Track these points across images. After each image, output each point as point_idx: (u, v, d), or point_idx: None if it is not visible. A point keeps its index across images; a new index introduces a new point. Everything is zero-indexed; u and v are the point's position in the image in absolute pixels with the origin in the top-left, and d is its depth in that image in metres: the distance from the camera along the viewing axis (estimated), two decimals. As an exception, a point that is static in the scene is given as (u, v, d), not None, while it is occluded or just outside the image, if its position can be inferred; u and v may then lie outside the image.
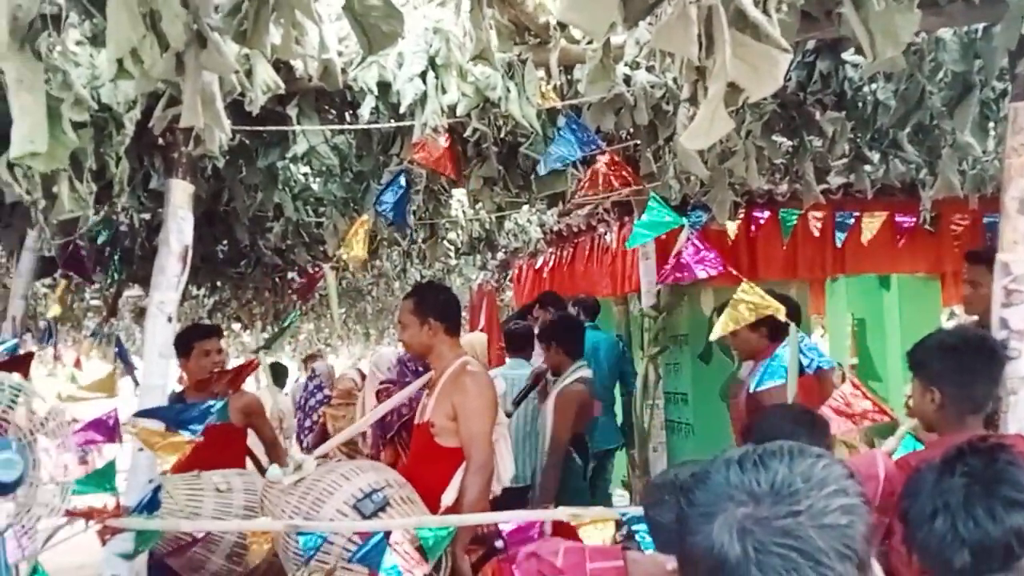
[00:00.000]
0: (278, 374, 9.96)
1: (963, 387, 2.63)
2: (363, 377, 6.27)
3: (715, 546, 1.00)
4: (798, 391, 3.40)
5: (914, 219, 6.04)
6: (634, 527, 2.90)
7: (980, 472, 1.68)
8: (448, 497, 3.44)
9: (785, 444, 1.07)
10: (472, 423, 3.54)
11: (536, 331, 5.64)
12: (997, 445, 1.76)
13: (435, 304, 3.73)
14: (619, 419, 6.14)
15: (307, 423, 7.13)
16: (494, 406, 3.64)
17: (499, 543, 3.32)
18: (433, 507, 3.40)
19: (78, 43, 2.84)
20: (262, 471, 4.21)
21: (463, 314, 12.05)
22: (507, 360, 6.07)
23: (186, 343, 4.41)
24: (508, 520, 3.26)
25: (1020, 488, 1.65)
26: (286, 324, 4.35)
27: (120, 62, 2.08)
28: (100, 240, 4.59)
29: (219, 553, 3.59)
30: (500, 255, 9.38)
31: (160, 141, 3.43)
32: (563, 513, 3.19)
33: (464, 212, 6.59)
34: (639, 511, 3.14)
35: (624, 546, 2.41)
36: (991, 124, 3.50)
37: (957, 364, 2.64)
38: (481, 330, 9.14)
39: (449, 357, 3.69)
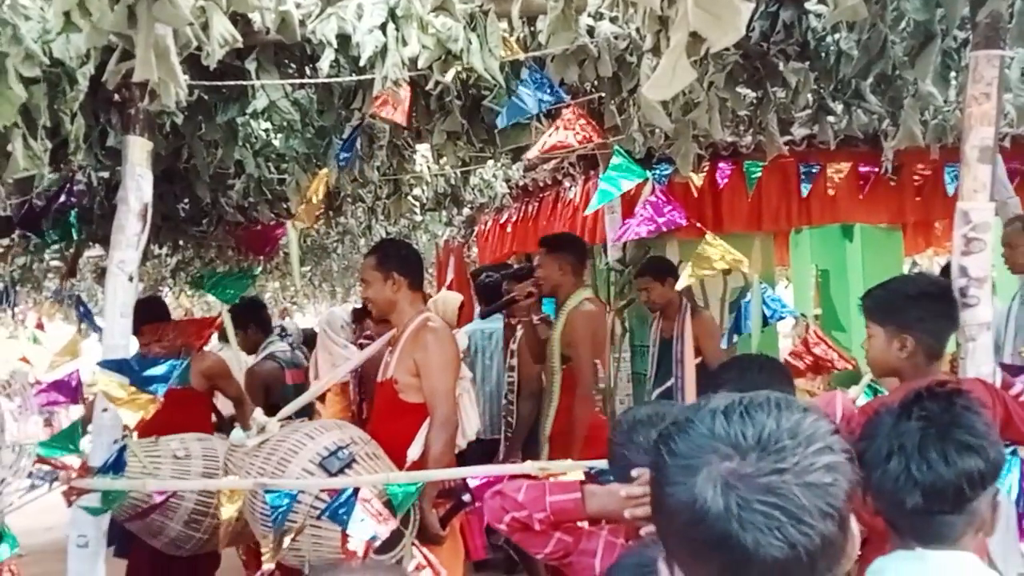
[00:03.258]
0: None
1: (936, 333, 2.67)
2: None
3: (697, 500, 0.99)
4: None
5: (877, 169, 6.08)
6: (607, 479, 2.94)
7: (936, 416, 1.71)
8: (413, 452, 3.46)
9: (772, 395, 1.05)
10: (435, 379, 3.55)
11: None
12: (955, 390, 1.79)
13: (398, 259, 3.75)
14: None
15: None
16: (456, 361, 3.65)
17: (466, 497, 3.35)
18: (398, 463, 3.42)
19: (28, -4, 2.76)
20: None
21: (430, 270, 12.07)
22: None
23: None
24: (476, 475, 3.29)
25: (974, 433, 1.68)
26: (245, 277, 4.29)
27: (67, 15, 2.02)
28: (59, 198, 4.50)
29: (177, 519, 3.60)
30: (466, 211, 9.33)
31: (116, 97, 3.36)
32: (531, 467, 3.22)
33: (429, 167, 6.53)
34: (604, 463, 3.18)
35: (582, 481, 2.45)
36: (952, 74, 3.51)
37: (933, 310, 2.67)
38: (448, 286, 9.13)
39: (410, 313, 3.71)
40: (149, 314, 4.60)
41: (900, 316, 2.70)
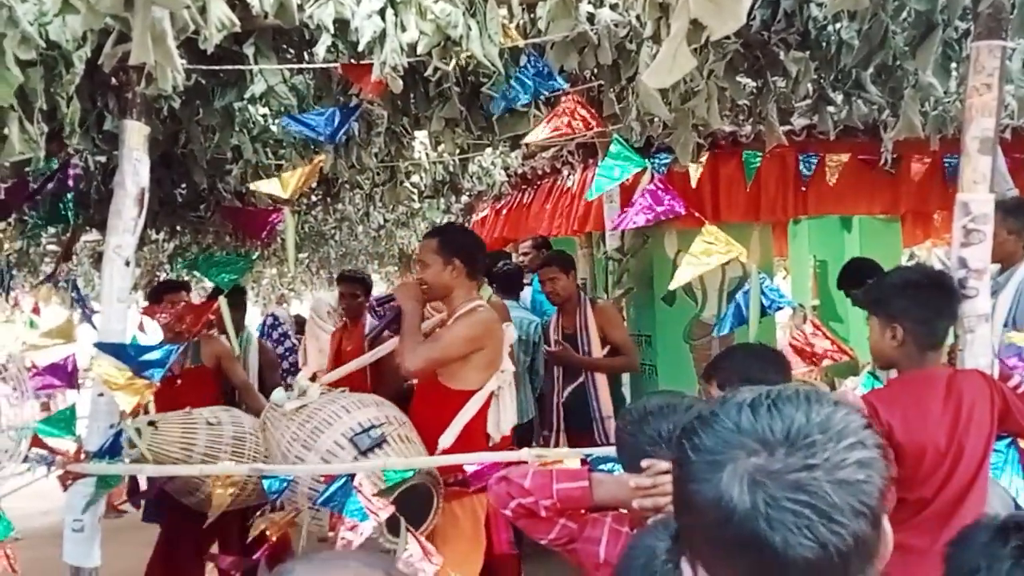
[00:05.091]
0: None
1: (925, 323, 2.68)
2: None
3: (723, 497, 0.94)
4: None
5: (876, 160, 6.07)
6: (599, 468, 2.94)
7: None
8: (445, 440, 3.45)
9: (801, 388, 1.01)
10: (446, 332, 3.58)
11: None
12: None
13: (461, 245, 3.70)
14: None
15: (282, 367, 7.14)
16: (479, 341, 3.58)
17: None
18: (431, 447, 3.44)
19: (24, -22, 2.74)
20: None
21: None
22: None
23: (158, 295, 5.20)
24: (472, 463, 3.29)
25: None
26: (242, 261, 4.27)
27: (65, -4, 2.01)
28: (51, 181, 4.48)
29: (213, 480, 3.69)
30: (464, 198, 9.30)
31: (113, 81, 3.34)
32: (527, 454, 3.22)
33: (427, 154, 6.51)
34: (603, 451, 3.19)
35: (590, 468, 2.45)
36: (953, 64, 3.50)
37: (919, 300, 2.69)
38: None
39: (463, 299, 3.67)
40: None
41: (888, 306, 2.74)
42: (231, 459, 3.65)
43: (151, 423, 3.62)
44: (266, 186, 3.72)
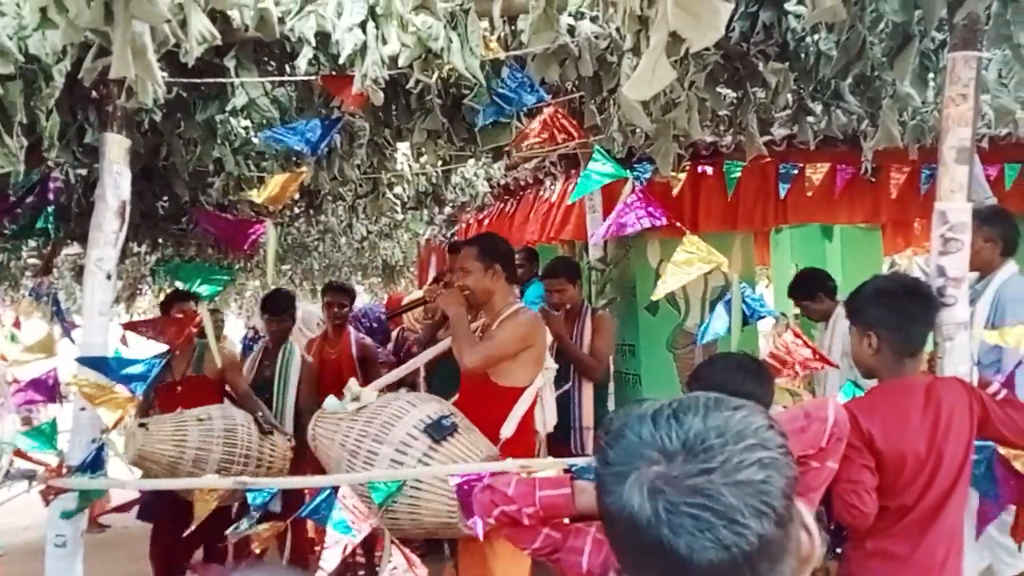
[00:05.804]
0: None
1: (899, 331, 2.70)
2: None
3: (626, 507, 0.97)
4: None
5: (856, 170, 6.11)
6: (584, 477, 2.94)
7: None
8: (506, 431, 3.65)
9: (702, 396, 1.02)
10: (499, 332, 3.76)
11: None
12: None
13: (499, 252, 3.95)
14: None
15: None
16: (524, 341, 3.79)
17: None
18: (491, 441, 3.57)
19: (3, -9, 2.73)
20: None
21: (411, 269, 11.90)
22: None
23: (168, 304, 5.27)
24: (458, 473, 3.29)
25: None
26: (223, 273, 4.28)
27: (44, 11, 2.00)
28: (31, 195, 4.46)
29: (209, 469, 3.99)
30: (448, 209, 9.31)
31: (94, 94, 3.33)
32: (512, 465, 3.22)
33: (409, 166, 6.52)
34: (589, 461, 3.19)
35: (572, 476, 2.45)
36: (930, 75, 3.53)
37: (893, 308, 2.70)
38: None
39: (503, 303, 3.90)
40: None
41: (863, 315, 2.76)
42: (224, 450, 3.88)
43: (142, 425, 3.83)
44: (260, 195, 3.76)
